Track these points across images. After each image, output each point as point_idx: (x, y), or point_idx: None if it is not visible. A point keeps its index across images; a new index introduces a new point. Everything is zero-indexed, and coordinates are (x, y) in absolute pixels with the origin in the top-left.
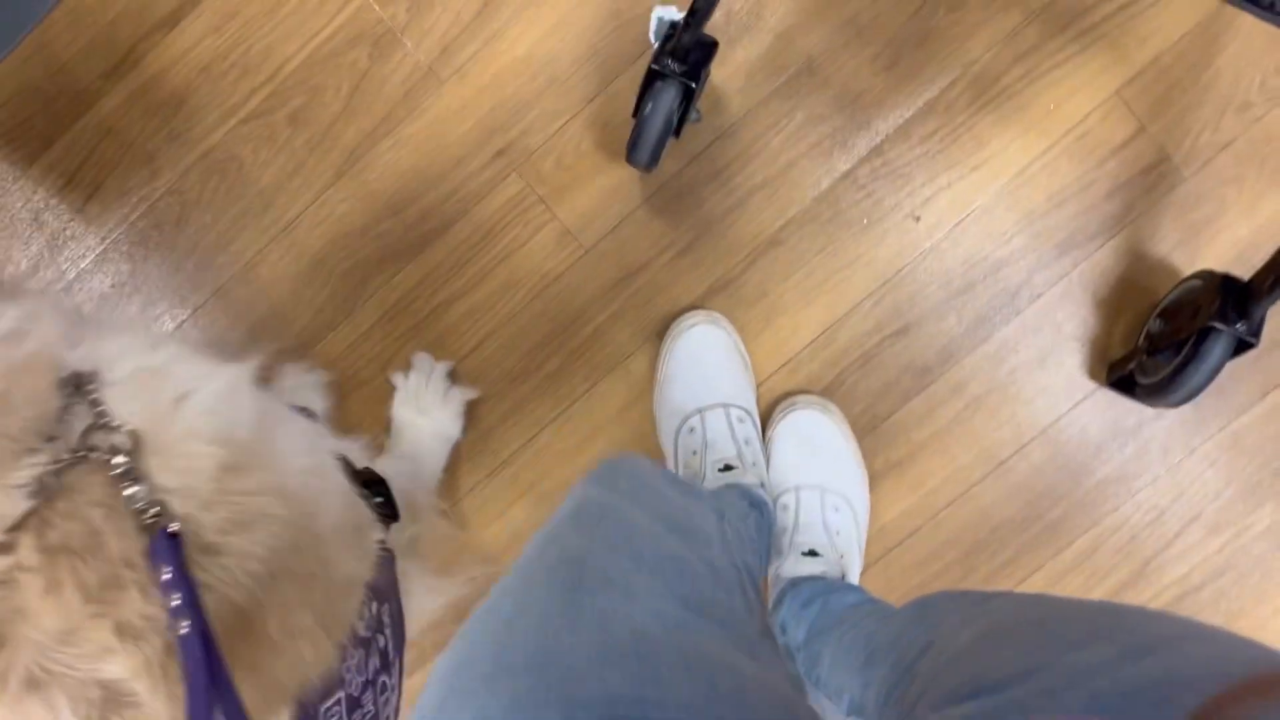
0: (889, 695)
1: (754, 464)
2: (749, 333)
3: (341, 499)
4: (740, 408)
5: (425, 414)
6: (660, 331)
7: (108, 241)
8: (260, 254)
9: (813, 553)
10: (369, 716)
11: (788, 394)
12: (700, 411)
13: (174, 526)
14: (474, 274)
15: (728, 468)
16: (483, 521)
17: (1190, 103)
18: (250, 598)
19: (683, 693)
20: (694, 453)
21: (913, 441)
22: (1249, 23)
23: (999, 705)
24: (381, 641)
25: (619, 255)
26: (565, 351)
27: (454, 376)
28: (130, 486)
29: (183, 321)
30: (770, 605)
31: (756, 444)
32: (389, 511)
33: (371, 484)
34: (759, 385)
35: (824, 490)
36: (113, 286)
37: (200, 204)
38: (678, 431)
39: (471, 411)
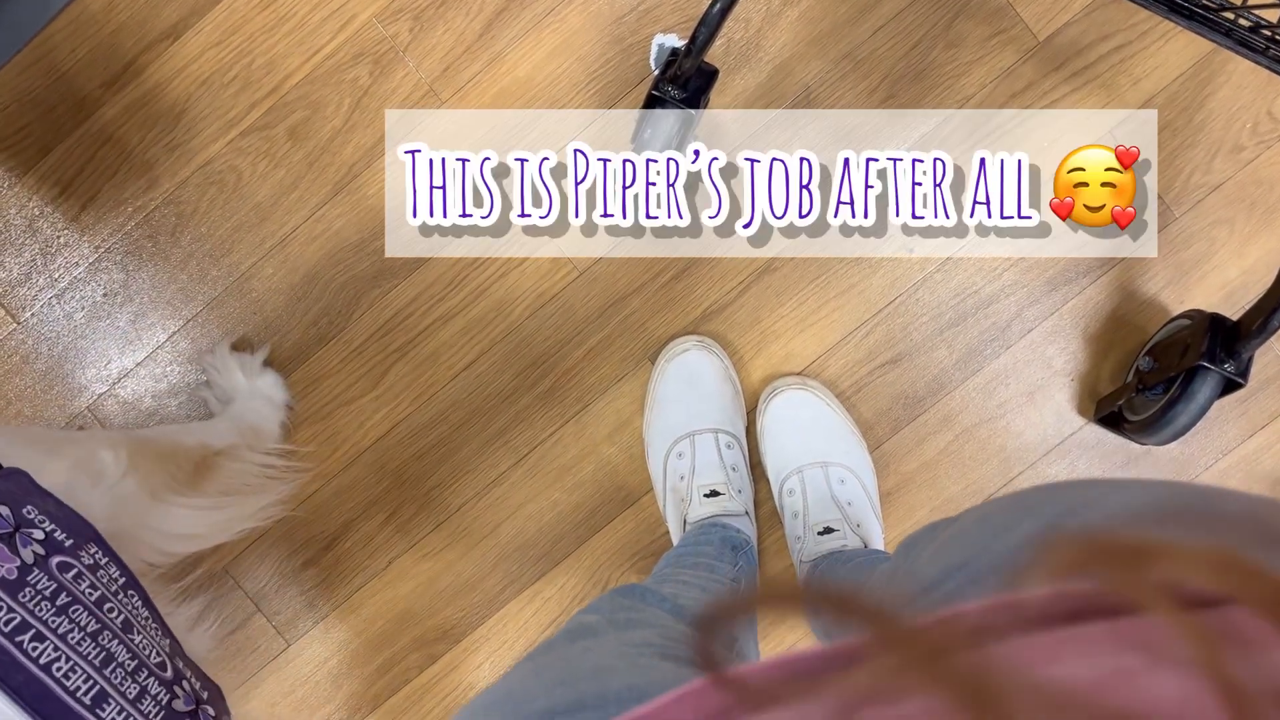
0: None
1: (740, 490)
2: (741, 359)
3: None
4: (729, 434)
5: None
6: (653, 355)
7: (101, 250)
8: (255, 267)
9: (828, 530)
10: (51, 590)
11: (766, 379)
12: (690, 436)
13: None
14: (469, 293)
15: (714, 493)
16: (471, 541)
17: (1182, 144)
18: None
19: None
20: (681, 477)
21: (902, 472)
22: (1242, 66)
23: (929, 605)
24: (38, 534)
25: (613, 278)
26: (558, 372)
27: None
28: None
29: (174, 333)
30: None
31: (744, 470)
32: None
33: None
34: (750, 411)
35: (826, 465)
36: (105, 296)
37: (196, 215)
38: (666, 455)
39: (462, 429)
